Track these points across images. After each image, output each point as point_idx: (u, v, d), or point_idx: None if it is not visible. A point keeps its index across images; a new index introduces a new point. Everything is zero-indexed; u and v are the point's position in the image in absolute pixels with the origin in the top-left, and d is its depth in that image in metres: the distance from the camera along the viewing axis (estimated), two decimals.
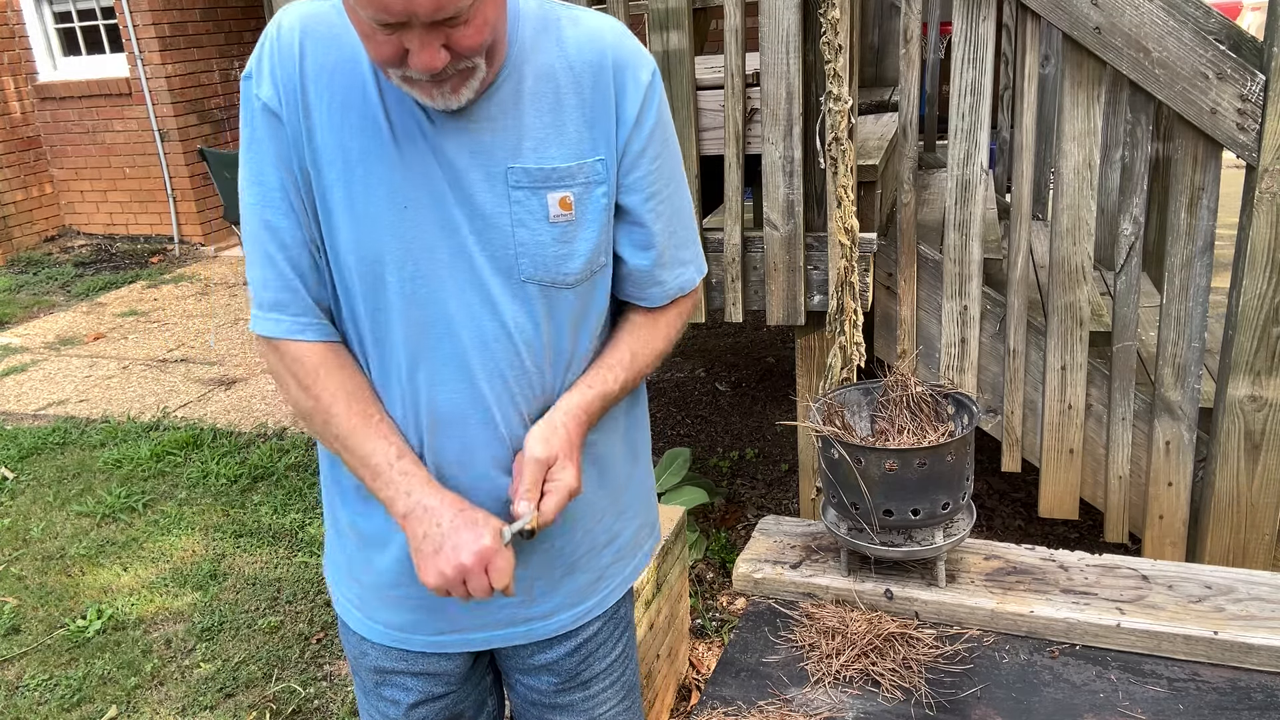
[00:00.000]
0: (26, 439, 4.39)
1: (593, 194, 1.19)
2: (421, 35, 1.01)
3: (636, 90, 1.20)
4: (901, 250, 2.64)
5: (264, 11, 3.05)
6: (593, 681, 1.44)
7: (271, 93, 1.13)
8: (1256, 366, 2.35)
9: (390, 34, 1.01)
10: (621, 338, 1.31)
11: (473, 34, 1.03)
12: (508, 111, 1.15)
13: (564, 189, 1.17)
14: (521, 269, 1.18)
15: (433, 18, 0.99)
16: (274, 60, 1.13)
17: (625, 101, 1.20)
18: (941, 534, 1.63)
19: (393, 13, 0.98)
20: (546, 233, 1.17)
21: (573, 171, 1.17)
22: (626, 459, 1.40)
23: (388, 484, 1.18)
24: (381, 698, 1.41)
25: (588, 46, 1.18)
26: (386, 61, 1.05)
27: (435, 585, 1.16)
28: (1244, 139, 2.22)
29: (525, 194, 1.16)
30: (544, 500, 1.18)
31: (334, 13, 1.15)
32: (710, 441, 4.05)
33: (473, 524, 1.16)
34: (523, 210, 1.16)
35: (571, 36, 1.18)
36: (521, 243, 1.17)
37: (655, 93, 1.22)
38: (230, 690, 2.74)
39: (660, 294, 1.31)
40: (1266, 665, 1.50)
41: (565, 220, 1.18)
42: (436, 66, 1.03)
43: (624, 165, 1.22)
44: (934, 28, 4.39)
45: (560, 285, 1.20)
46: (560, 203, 1.17)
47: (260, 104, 1.14)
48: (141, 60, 7.26)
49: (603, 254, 1.23)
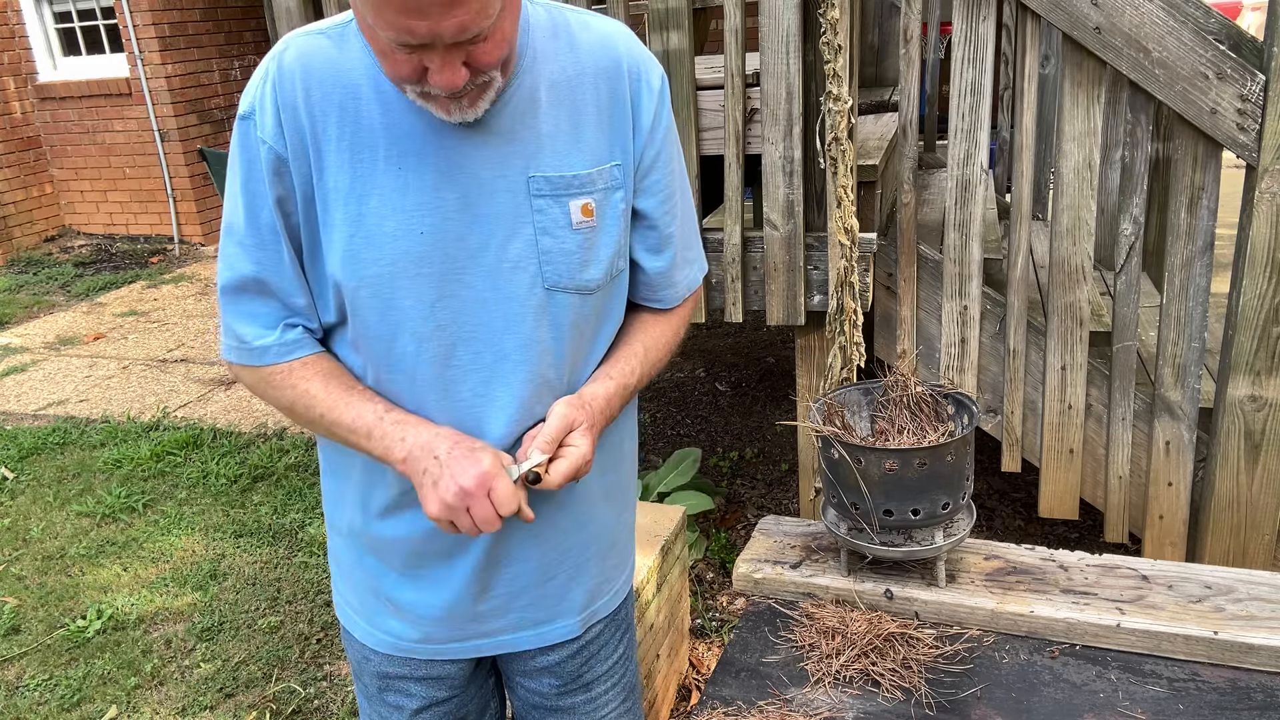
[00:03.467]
0: (26, 439, 4.39)
1: (611, 199, 1.20)
2: (443, 54, 1.01)
3: (650, 96, 1.21)
4: (901, 250, 2.64)
5: (263, 11, 3.05)
6: (594, 684, 1.44)
7: (276, 135, 1.11)
8: (1256, 366, 2.35)
9: (410, 54, 1.01)
10: (634, 334, 1.31)
11: (492, 49, 1.04)
12: (524, 120, 1.15)
13: (585, 196, 1.17)
14: (545, 277, 1.17)
15: (456, 39, 0.99)
16: (277, 101, 1.11)
17: (641, 107, 1.21)
18: (941, 534, 1.63)
19: (417, 35, 0.98)
20: (570, 240, 1.17)
21: (593, 178, 1.18)
22: (628, 464, 1.41)
23: (383, 436, 1.16)
24: (385, 704, 1.40)
25: (601, 53, 1.19)
26: (405, 79, 1.05)
27: (437, 514, 1.13)
28: (1244, 139, 2.22)
29: (547, 202, 1.16)
30: (555, 463, 1.16)
31: (330, 44, 1.13)
32: (710, 441, 4.05)
33: (470, 451, 1.13)
34: (545, 219, 1.16)
35: (584, 42, 1.19)
36: (546, 251, 1.17)
37: (666, 98, 1.24)
38: (230, 690, 2.74)
39: (673, 296, 1.33)
40: (1266, 665, 1.50)
41: (588, 227, 1.18)
42: (458, 84, 1.03)
43: (640, 169, 1.23)
44: (934, 28, 4.39)
45: (583, 292, 1.20)
46: (583, 209, 1.17)
47: (266, 148, 1.12)
48: (141, 60, 7.26)
49: (621, 259, 1.24)
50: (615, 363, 1.28)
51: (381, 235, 1.13)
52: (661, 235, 1.27)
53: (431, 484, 1.13)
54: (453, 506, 1.11)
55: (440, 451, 1.13)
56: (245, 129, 1.14)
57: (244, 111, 1.14)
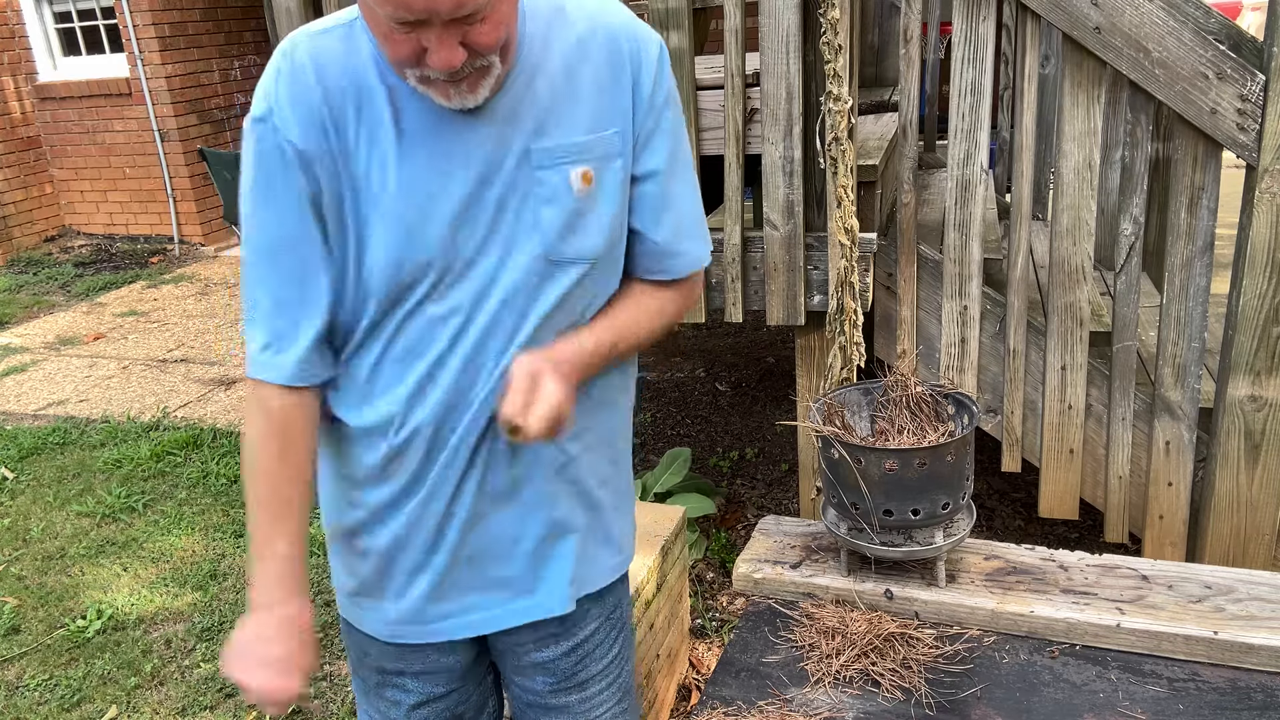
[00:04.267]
0: (26, 439, 4.39)
1: (610, 167, 1.21)
2: (440, 33, 1.02)
3: (649, 64, 1.23)
4: (901, 250, 2.64)
5: (263, 11, 3.05)
6: (589, 683, 1.44)
7: (299, 131, 1.11)
8: (1256, 366, 2.35)
9: (409, 32, 1.03)
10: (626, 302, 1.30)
11: (489, 31, 1.05)
12: (525, 101, 1.16)
13: (584, 163, 1.19)
14: (548, 248, 1.19)
15: (453, 15, 1.01)
16: (294, 97, 1.12)
17: (641, 75, 1.22)
18: (941, 534, 1.63)
19: (414, 10, 0.99)
20: (570, 207, 1.19)
21: (591, 144, 1.19)
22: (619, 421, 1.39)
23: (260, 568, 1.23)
24: (383, 698, 1.41)
25: (599, 26, 1.21)
26: (404, 61, 1.06)
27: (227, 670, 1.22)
28: (1244, 139, 2.22)
29: (548, 172, 1.17)
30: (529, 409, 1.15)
31: (336, 41, 1.14)
32: (710, 441, 4.05)
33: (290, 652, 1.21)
34: (546, 189, 1.18)
35: (581, 16, 1.21)
36: (548, 221, 1.18)
37: (665, 66, 1.26)
38: (230, 690, 2.74)
39: (678, 266, 1.31)
40: (1266, 665, 1.50)
41: (586, 194, 1.19)
42: (455, 64, 1.04)
43: (640, 137, 1.24)
44: (934, 28, 4.39)
45: (583, 260, 1.21)
46: (583, 177, 1.19)
47: (290, 145, 1.11)
48: (141, 60, 7.26)
49: (620, 227, 1.25)
50: (595, 323, 1.27)
51: (399, 224, 1.14)
52: (663, 201, 1.27)
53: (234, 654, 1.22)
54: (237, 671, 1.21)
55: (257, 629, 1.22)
56: (263, 132, 1.13)
57: (259, 114, 1.13)
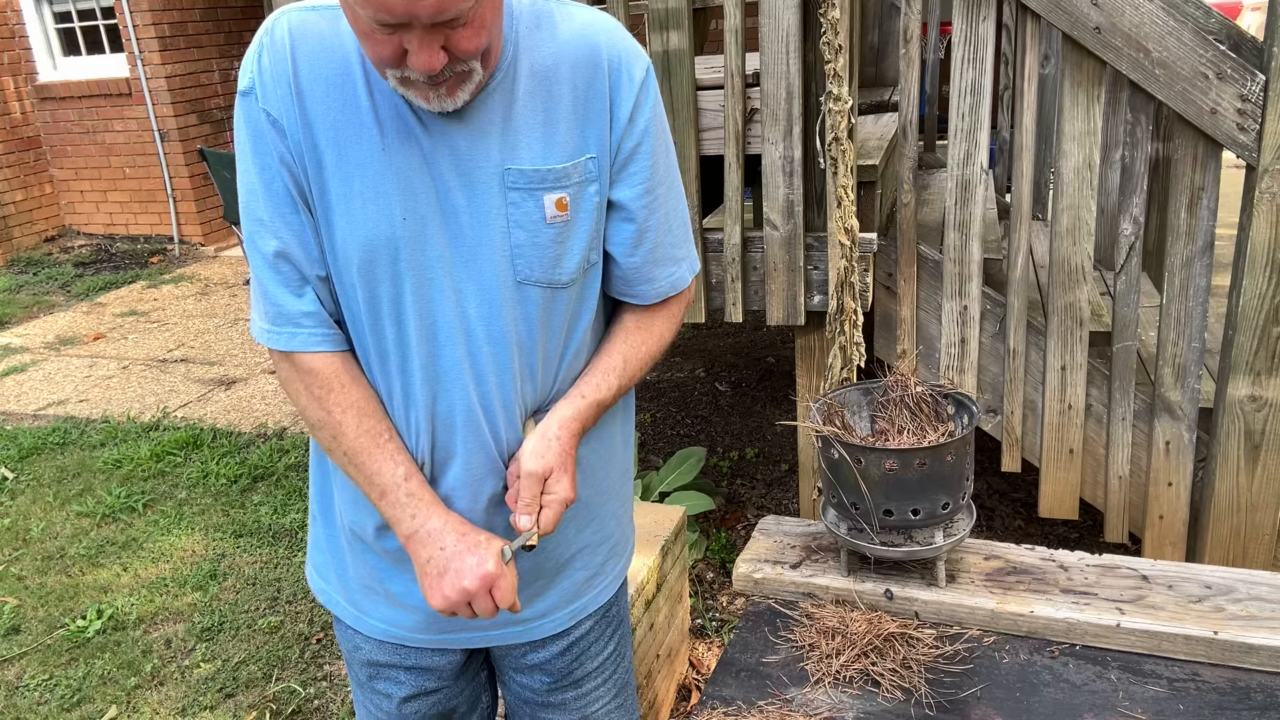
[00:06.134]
0: (26, 439, 4.39)
1: (585, 193, 1.19)
2: (421, 36, 1.01)
3: (630, 87, 1.19)
4: (901, 250, 2.64)
5: (263, 11, 3.05)
6: (585, 680, 1.45)
7: (276, 104, 1.12)
8: (1256, 366, 2.35)
9: (390, 34, 1.01)
10: (614, 344, 1.30)
11: (471, 36, 1.03)
12: (502, 113, 1.15)
13: (560, 190, 1.17)
14: (518, 270, 1.18)
15: (434, 19, 0.99)
16: (271, 71, 1.12)
17: (619, 98, 1.19)
18: (941, 534, 1.63)
19: (394, 13, 0.98)
20: (543, 234, 1.17)
21: (568, 172, 1.17)
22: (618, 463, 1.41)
23: (393, 504, 1.19)
24: (375, 691, 1.42)
25: (581, 44, 1.18)
26: (384, 62, 1.05)
27: (440, 608, 1.18)
28: (1244, 139, 2.22)
29: (521, 195, 1.16)
30: (542, 513, 1.20)
31: (321, 20, 1.13)
32: (710, 441, 4.05)
33: (476, 547, 1.18)
34: (519, 212, 1.16)
35: (565, 33, 1.18)
36: (518, 244, 1.17)
37: (649, 89, 1.22)
38: (230, 690, 2.74)
39: (651, 291, 1.29)
40: (1266, 665, 1.50)
41: (561, 221, 1.18)
42: (435, 67, 1.03)
43: (617, 162, 1.21)
44: (934, 28, 4.39)
45: (555, 285, 1.20)
46: (557, 204, 1.17)
47: (265, 115, 1.13)
48: (141, 60, 7.26)
49: (594, 252, 1.23)
50: (591, 376, 1.27)
51: (365, 217, 1.13)
52: (638, 228, 1.25)
53: (436, 574, 1.18)
54: (455, 602, 1.17)
55: (447, 543, 1.18)
56: (248, 104, 1.15)
57: (244, 87, 1.15)
